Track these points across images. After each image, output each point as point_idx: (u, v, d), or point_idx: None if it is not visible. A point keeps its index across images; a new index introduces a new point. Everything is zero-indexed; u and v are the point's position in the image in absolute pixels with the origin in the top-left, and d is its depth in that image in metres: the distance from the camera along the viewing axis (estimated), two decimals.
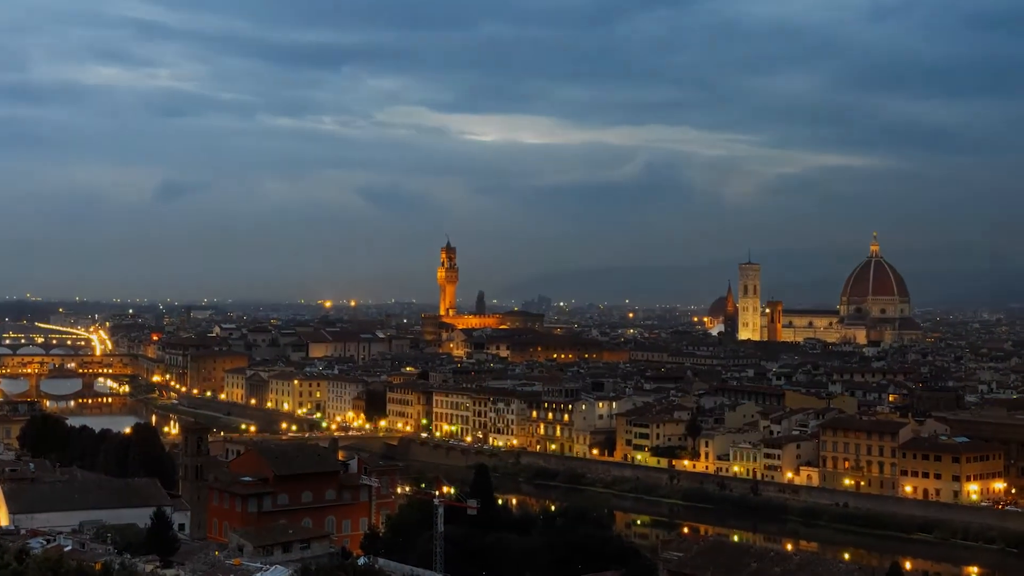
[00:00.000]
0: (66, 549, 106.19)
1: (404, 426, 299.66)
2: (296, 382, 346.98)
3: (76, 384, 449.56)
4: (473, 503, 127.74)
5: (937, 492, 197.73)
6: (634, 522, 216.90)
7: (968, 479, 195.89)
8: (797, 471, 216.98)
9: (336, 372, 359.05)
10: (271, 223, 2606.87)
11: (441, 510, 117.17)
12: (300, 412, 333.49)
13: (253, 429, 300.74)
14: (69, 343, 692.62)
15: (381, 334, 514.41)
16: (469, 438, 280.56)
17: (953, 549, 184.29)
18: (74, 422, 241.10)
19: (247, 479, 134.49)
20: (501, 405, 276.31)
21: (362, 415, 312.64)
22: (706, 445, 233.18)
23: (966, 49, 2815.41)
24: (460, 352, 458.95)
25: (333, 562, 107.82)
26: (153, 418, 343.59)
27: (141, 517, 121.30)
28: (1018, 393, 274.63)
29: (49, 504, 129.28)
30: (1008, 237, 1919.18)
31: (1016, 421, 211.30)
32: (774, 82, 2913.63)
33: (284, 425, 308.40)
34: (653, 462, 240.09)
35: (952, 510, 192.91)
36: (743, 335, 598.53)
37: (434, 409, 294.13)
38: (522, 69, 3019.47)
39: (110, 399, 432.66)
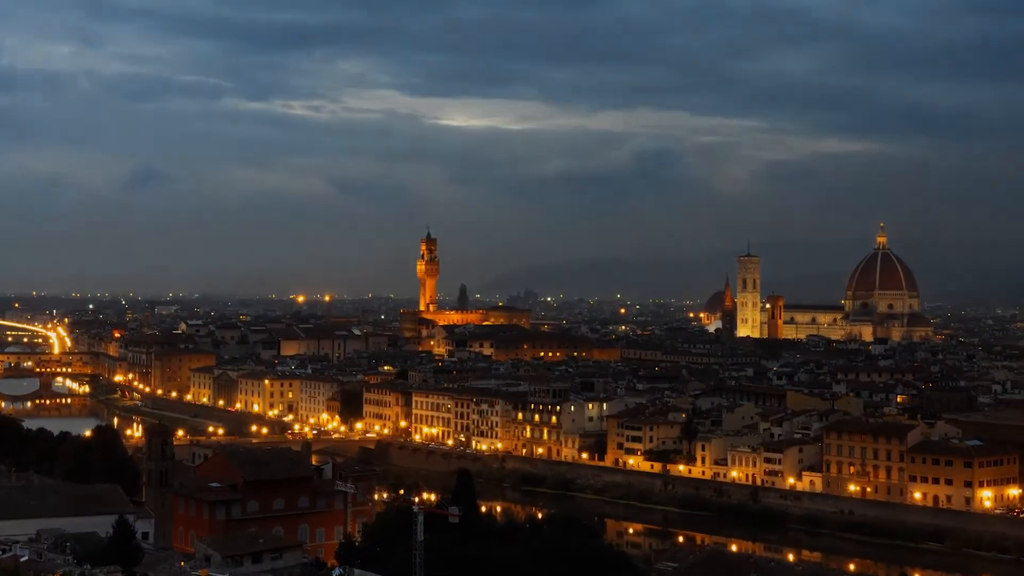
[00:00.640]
0: (22, 559, 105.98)
1: (382, 429, 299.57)
2: (267, 382, 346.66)
3: (33, 384, 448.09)
4: (455, 510, 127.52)
5: (948, 499, 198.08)
6: (626, 531, 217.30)
7: (981, 485, 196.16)
8: (799, 476, 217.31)
9: (309, 371, 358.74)
10: (239, 213, 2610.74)
11: (421, 518, 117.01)
12: (271, 414, 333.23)
13: (221, 432, 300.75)
14: (25, 340, 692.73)
15: (357, 331, 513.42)
16: (451, 441, 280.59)
17: (965, 559, 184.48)
18: (31, 424, 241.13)
19: (215, 485, 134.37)
20: (485, 406, 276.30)
21: (337, 417, 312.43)
22: (702, 449, 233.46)
23: (972, 30, 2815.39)
24: (441, 350, 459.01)
25: (306, 573, 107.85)
26: (115, 420, 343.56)
27: (102, 525, 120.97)
28: None
29: (4, 512, 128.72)
30: None
31: None
32: (771, 65, 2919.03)
33: (254, 428, 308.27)
34: (646, 467, 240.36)
35: (964, 518, 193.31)
36: (742, 332, 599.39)
37: (414, 411, 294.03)
38: (501, 51, 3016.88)
39: (69, 400, 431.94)
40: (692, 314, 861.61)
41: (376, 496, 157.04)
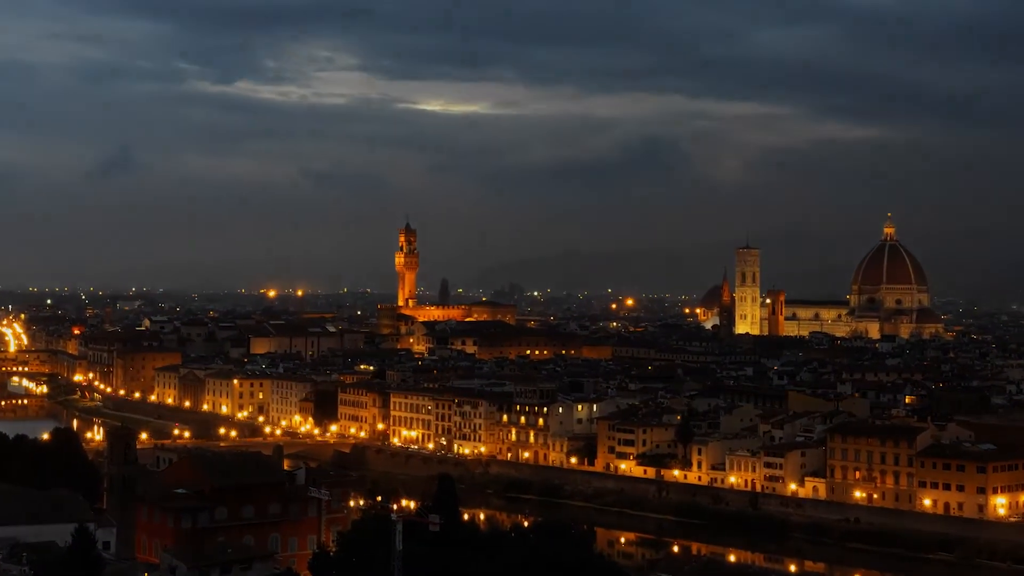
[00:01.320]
0: None
1: (358, 431, 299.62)
2: (236, 382, 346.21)
3: None
4: (436, 518, 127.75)
5: (960, 506, 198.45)
6: (618, 540, 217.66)
7: (995, 491, 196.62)
8: (801, 482, 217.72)
9: (281, 370, 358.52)
10: (206, 203, 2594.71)
11: (400, 526, 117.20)
12: (240, 416, 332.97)
13: (187, 435, 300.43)
14: None
15: (331, 327, 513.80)
16: (431, 445, 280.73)
17: (977, 570, 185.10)
18: None
19: (181, 492, 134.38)
20: (467, 408, 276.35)
21: (310, 419, 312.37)
22: (699, 453, 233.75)
23: (991, 6, 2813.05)
24: (421, 348, 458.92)
25: None
26: (74, 422, 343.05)
27: (61, 534, 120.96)
28: None
29: None
30: None
31: None
32: (770, 44, 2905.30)
33: (222, 430, 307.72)
34: (639, 472, 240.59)
35: (976, 526, 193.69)
36: (740, 329, 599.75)
37: (392, 412, 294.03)
38: (479, 30, 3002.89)
39: (25, 401, 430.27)
40: (688, 310, 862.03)
41: (352, 503, 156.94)
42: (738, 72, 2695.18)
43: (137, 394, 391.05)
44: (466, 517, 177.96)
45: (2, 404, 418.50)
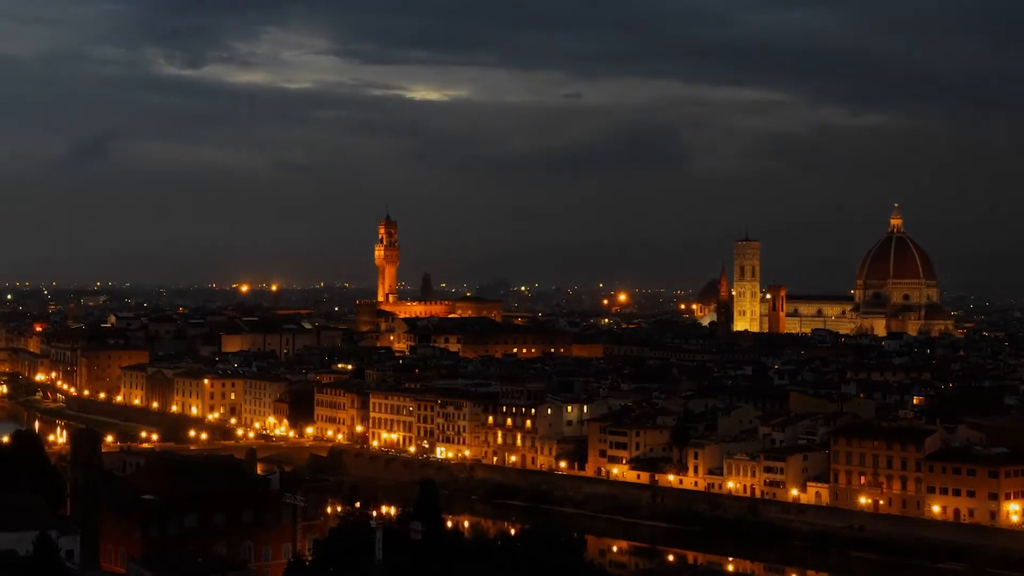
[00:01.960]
0: None
1: (335, 434, 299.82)
2: (206, 382, 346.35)
3: None
4: (417, 526, 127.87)
5: (970, 513, 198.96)
6: (609, 548, 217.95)
7: (1008, 497, 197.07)
8: (803, 487, 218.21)
9: (254, 370, 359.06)
10: (174, 193, 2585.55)
11: (379, 534, 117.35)
12: (211, 417, 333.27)
13: (155, 437, 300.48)
14: None
15: (307, 324, 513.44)
16: (413, 448, 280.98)
17: None
18: None
19: (148, 498, 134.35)
20: (451, 409, 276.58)
21: (285, 421, 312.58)
22: (695, 457, 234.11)
23: None
24: (402, 346, 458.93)
25: None
26: (36, 424, 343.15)
27: (21, 542, 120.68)
28: None
29: None
30: None
31: None
32: (769, 26, 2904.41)
33: (192, 433, 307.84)
34: (632, 476, 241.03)
35: (988, 534, 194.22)
36: (739, 325, 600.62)
37: (371, 414, 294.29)
38: (460, 12, 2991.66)
39: None
40: (683, 305, 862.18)
41: (329, 510, 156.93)
42: (733, 56, 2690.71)
43: (102, 394, 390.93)
44: (450, 525, 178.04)
45: None
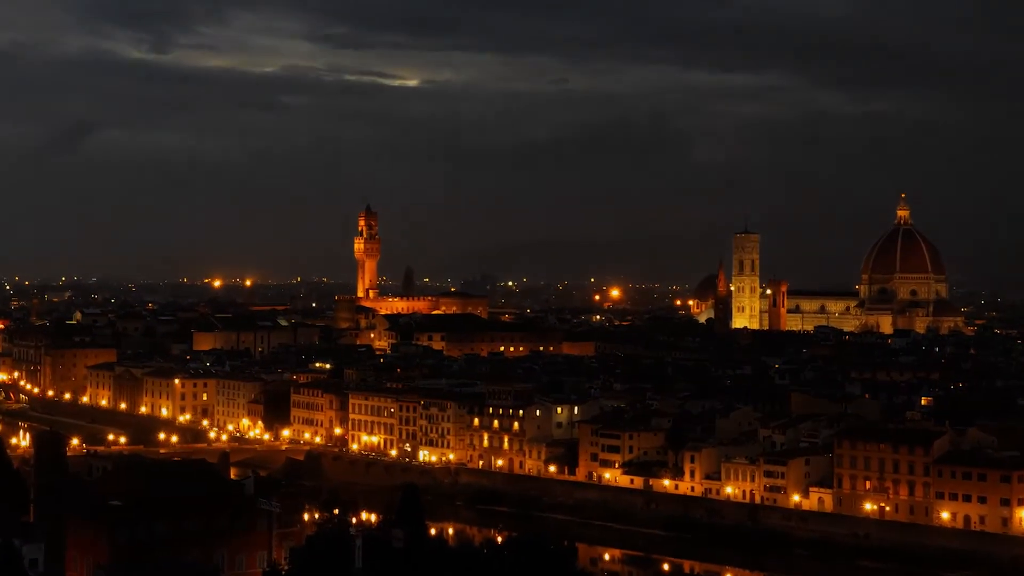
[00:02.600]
0: None
1: (312, 436, 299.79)
2: (177, 382, 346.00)
3: None
4: (399, 533, 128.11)
5: (981, 519, 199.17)
6: (601, 557, 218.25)
7: (1020, 503, 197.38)
8: (805, 493, 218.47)
9: (227, 369, 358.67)
10: (141, 183, 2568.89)
11: (359, 542, 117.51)
12: (182, 419, 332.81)
13: (123, 440, 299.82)
14: None
15: (283, 321, 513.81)
16: (394, 451, 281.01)
17: None
18: None
19: (116, 503, 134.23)
20: (434, 410, 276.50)
21: (260, 423, 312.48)
22: (691, 460, 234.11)
23: None
24: (383, 343, 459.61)
25: None
26: None
27: None
28: None
29: None
30: None
31: None
32: (764, 9, 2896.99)
33: (162, 435, 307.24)
34: (625, 481, 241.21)
35: (1000, 542, 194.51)
36: (738, 323, 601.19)
37: (350, 415, 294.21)
38: None
39: None
40: (679, 301, 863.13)
41: (306, 516, 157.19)
42: (729, 40, 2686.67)
43: (67, 395, 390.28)
44: (433, 531, 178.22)
45: None
